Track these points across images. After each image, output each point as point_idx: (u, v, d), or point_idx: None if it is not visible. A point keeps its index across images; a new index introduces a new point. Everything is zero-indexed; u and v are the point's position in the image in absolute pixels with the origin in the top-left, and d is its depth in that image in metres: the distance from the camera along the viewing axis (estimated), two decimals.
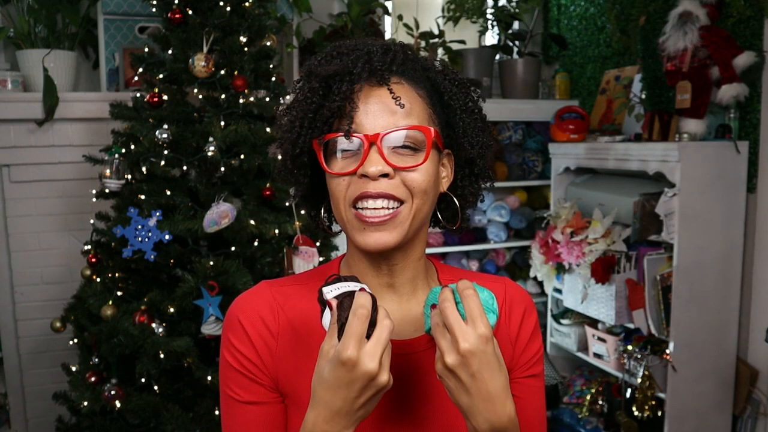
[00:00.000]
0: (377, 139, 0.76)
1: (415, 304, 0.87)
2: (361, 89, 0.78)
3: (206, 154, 2.06)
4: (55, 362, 2.62)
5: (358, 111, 0.77)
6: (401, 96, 0.79)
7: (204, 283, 2.02)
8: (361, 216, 0.77)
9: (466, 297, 0.71)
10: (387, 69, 0.79)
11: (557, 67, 3.46)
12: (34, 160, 2.71)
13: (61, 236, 2.79)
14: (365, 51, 0.80)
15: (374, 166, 0.76)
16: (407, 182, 0.78)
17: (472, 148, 0.85)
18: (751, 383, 2.39)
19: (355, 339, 0.68)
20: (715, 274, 2.35)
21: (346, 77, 0.78)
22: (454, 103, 0.84)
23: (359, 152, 0.77)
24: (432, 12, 3.42)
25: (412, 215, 0.79)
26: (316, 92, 0.79)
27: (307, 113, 0.80)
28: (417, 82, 0.82)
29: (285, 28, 2.90)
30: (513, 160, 3.23)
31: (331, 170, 0.79)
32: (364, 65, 0.78)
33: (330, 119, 0.79)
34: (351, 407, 0.70)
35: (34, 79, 2.65)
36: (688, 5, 2.36)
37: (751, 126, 2.37)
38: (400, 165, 0.77)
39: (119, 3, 2.76)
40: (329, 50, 0.83)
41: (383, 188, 0.76)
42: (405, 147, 0.78)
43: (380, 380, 0.69)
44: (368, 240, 0.78)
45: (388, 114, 0.77)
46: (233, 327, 0.85)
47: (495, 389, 0.70)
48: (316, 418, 0.71)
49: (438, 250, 3.10)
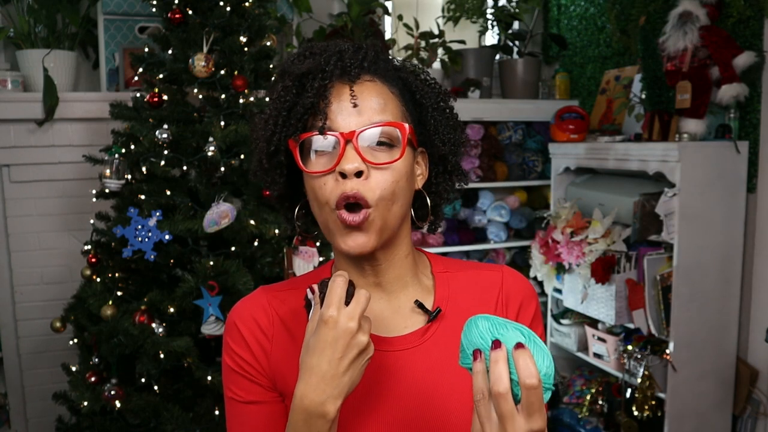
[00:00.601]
0: (353, 137, 0.76)
1: (405, 301, 0.88)
2: (334, 87, 0.79)
3: (206, 154, 2.06)
4: (55, 362, 2.62)
5: (331, 108, 0.78)
6: (374, 93, 0.79)
7: (204, 283, 2.02)
8: (342, 217, 0.77)
9: (528, 389, 0.61)
10: (358, 66, 0.80)
11: (557, 67, 3.46)
12: (34, 160, 2.71)
13: (61, 236, 2.79)
14: (337, 50, 0.81)
15: (350, 164, 0.76)
16: (378, 184, 0.77)
17: (443, 145, 0.86)
18: (751, 383, 2.39)
19: (335, 300, 0.72)
20: (715, 274, 2.35)
21: (319, 74, 0.79)
22: (426, 101, 0.85)
23: (335, 150, 0.77)
24: (432, 12, 3.42)
25: (380, 218, 0.78)
26: (289, 90, 0.80)
27: (281, 111, 0.80)
28: (389, 80, 0.82)
29: (285, 28, 2.90)
30: (513, 160, 3.23)
31: (308, 169, 0.79)
32: (336, 63, 0.79)
33: (304, 117, 0.79)
34: (336, 369, 0.71)
35: (34, 79, 2.65)
36: (688, 5, 2.36)
37: (751, 126, 2.37)
38: (375, 162, 0.77)
39: (119, 3, 2.76)
40: (302, 50, 0.84)
41: (355, 188, 0.76)
42: (380, 144, 0.78)
43: (360, 339, 0.72)
44: (350, 242, 0.78)
45: (362, 111, 0.78)
46: (231, 331, 0.88)
47: None
48: (305, 389, 0.72)
49: (438, 250, 3.10)
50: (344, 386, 0.72)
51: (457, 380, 0.84)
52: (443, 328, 0.86)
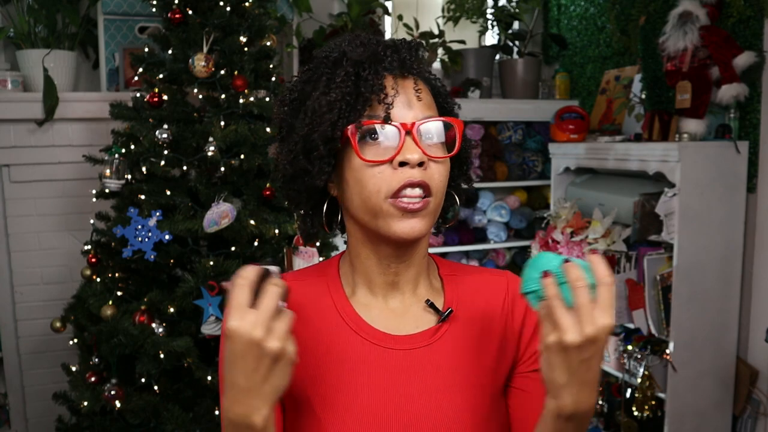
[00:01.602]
0: (414, 128, 0.78)
1: (416, 301, 0.88)
2: (394, 78, 0.80)
3: (206, 154, 2.06)
4: (55, 362, 2.62)
5: (392, 100, 0.79)
6: (424, 90, 0.82)
7: (204, 283, 2.02)
8: (400, 204, 0.77)
9: (604, 284, 0.68)
10: (415, 62, 0.82)
11: (557, 67, 3.46)
12: (34, 160, 2.71)
13: (61, 236, 2.79)
14: (390, 43, 0.83)
15: (413, 154, 0.77)
16: (434, 175, 0.79)
17: (465, 151, 0.88)
18: (751, 383, 2.39)
19: (235, 309, 0.66)
20: (715, 274, 2.35)
21: (380, 64, 0.79)
22: (447, 105, 0.87)
23: (391, 141, 0.78)
24: (432, 12, 3.42)
25: (435, 207, 0.81)
26: (350, 76, 0.79)
27: (344, 96, 0.78)
28: (426, 80, 0.85)
29: (285, 28, 2.90)
30: (513, 160, 3.23)
31: (365, 157, 0.78)
32: (393, 54, 0.80)
33: (365, 105, 0.79)
34: (253, 382, 0.67)
35: (34, 79, 2.65)
36: (688, 5, 2.35)
37: (751, 126, 2.37)
38: (433, 154, 0.79)
39: (119, 3, 2.76)
40: (351, 38, 0.83)
41: (420, 176, 0.77)
42: (432, 137, 0.80)
43: (269, 347, 0.65)
44: (405, 227, 0.78)
45: (414, 105, 0.80)
46: None
47: (593, 378, 0.70)
48: (228, 403, 0.69)
49: (438, 250, 3.10)
50: (267, 395, 0.68)
51: (466, 380, 0.84)
52: (453, 329, 0.86)
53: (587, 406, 0.70)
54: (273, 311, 0.67)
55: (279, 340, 0.66)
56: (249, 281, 0.67)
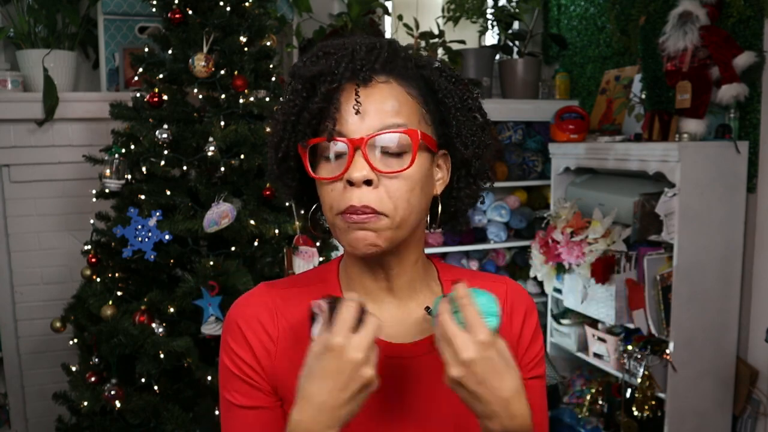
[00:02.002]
0: (362, 144, 0.73)
1: (414, 308, 0.86)
2: (344, 90, 0.75)
3: (206, 154, 2.06)
4: (55, 362, 2.62)
5: (341, 113, 0.74)
6: (387, 96, 0.76)
7: (204, 283, 2.02)
8: (349, 219, 0.75)
9: (462, 306, 0.70)
10: (370, 68, 0.75)
11: (557, 67, 3.46)
12: (34, 160, 2.71)
13: (61, 236, 2.79)
14: (349, 50, 0.76)
15: (358, 172, 0.73)
16: (390, 192, 0.74)
17: (465, 149, 0.82)
18: (751, 383, 2.39)
19: (344, 327, 0.69)
20: (715, 274, 2.35)
21: (328, 77, 0.75)
22: (449, 101, 0.80)
23: (344, 157, 0.75)
24: (432, 12, 3.41)
25: (396, 226, 0.76)
26: (299, 94, 0.77)
27: (290, 116, 0.77)
28: (407, 80, 0.78)
29: (285, 28, 2.90)
30: (513, 160, 3.23)
31: (317, 175, 0.77)
32: (347, 65, 0.75)
33: (312, 122, 0.76)
34: (336, 401, 0.68)
35: (34, 79, 2.65)
36: (688, 5, 2.35)
37: (751, 126, 2.37)
38: (385, 170, 0.74)
39: (119, 3, 2.76)
40: (316, 50, 0.79)
41: (366, 200, 0.73)
42: (393, 153, 0.75)
43: (365, 372, 0.68)
44: (353, 239, 0.75)
45: (374, 115, 0.74)
46: (232, 331, 0.84)
47: (506, 392, 0.69)
48: (301, 416, 0.69)
49: (438, 250, 3.10)
50: (341, 418, 0.69)
51: None
52: None
53: (516, 422, 0.70)
54: (373, 340, 0.70)
55: (373, 368, 0.69)
56: (358, 303, 0.71)
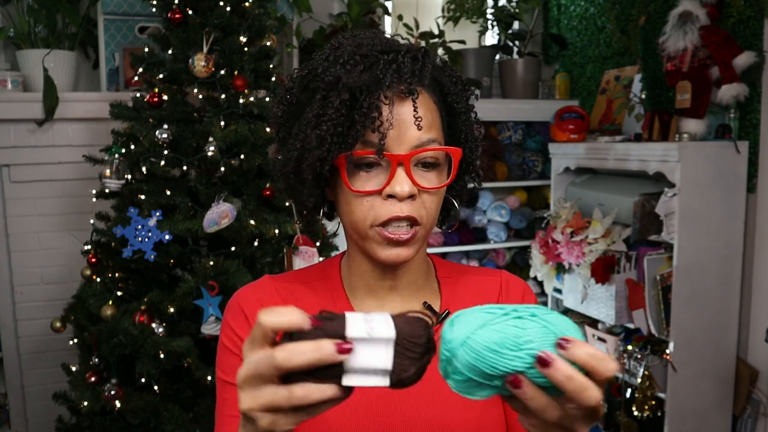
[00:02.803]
0: (407, 160, 0.75)
1: (416, 305, 0.88)
2: (391, 106, 0.74)
3: (206, 154, 2.06)
4: (55, 362, 2.62)
5: (386, 127, 0.74)
6: (423, 108, 0.76)
7: (204, 283, 2.01)
8: (386, 235, 0.76)
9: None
10: (417, 82, 0.76)
11: (557, 67, 3.46)
12: (34, 160, 2.71)
13: (61, 236, 2.79)
14: (392, 59, 0.75)
15: (403, 187, 0.74)
16: (425, 205, 0.77)
17: (471, 153, 0.85)
18: (751, 383, 2.39)
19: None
20: (715, 274, 2.35)
21: (376, 91, 0.74)
22: (458, 105, 0.83)
23: (383, 172, 0.76)
24: (432, 12, 3.41)
25: (424, 234, 0.80)
26: (344, 104, 0.74)
27: (337, 128, 0.74)
28: (431, 88, 0.79)
29: (285, 28, 2.90)
30: (513, 160, 3.23)
31: (354, 188, 0.77)
32: (392, 76, 0.74)
33: (358, 134, 0.75)
34: None
35: (34, 79, 2.65)
36: (688, 5, 2.36)
37: (751, 126, 2.37)
38: (425, 185, 0.77)
39: (119, 3, 2.76)
40: (351, 52, 0.76)
41: (408, 211, 0.76)
42: (429, 165, 0.78)
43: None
44: (390, 255, 0.78)
45: (412, 129, 0.75)
46: (233, 311, 0.85)
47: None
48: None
49: (438, 250, 3.10)
50: None
51: None
52: None
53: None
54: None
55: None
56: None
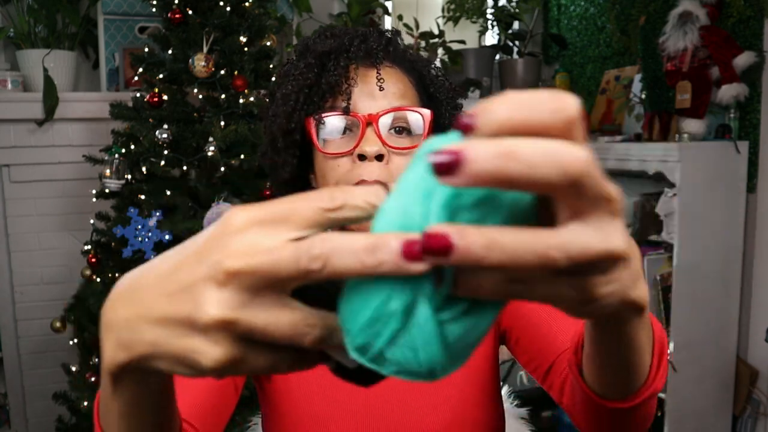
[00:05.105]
0: (375, 120, 0.75)
1: None
2: (357, 69, 0.78)
3: (206, 154, 2.06)
4: (55, 362, 2.62)
5: (354, 90, 0.77)
6: (396, 79, 0.79)
7: None
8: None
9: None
10: (383, 50, 0.79)
11: (557, 67, 3.46)
12: (34, 160, 2.71)
13: (61, 236, 2.79)
14: (360, 33, 0.80)
15: (371, 146, 0.74)
16: (399, 169, 0.76)
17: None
18: (751, 383, 2.39)
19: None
20: (715, 274, 2.35)
21: (343, 55, 0.78)
22: (440, 95, 0.84)
23: (353, 132, 0.76)
24: (432, 12, 3.41)
25: None
26: (311, 68, 0.78)
27: (302, 88, 0.78)
28: (407, 69, 0.82)
29: (285, 28, 2.90)
30: None
31: (324, 150, 0.77)
32: (360, 45, 0.78)
33: (325, 96, 0.77)
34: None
35: (34, 79, 2.65)
36: (688, 5, 2.36)
37: (751, 126, 2.37)
38: (396, 146, 0.76)
39: (119, 3, 2.76)
40: (323, 31, 0.83)
41: (377, 175, 0.74)
42: (400, 130, 0.77)
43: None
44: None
45: (382, 95, 0.77)
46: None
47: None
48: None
49: None
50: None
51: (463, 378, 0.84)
52: None
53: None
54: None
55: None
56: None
